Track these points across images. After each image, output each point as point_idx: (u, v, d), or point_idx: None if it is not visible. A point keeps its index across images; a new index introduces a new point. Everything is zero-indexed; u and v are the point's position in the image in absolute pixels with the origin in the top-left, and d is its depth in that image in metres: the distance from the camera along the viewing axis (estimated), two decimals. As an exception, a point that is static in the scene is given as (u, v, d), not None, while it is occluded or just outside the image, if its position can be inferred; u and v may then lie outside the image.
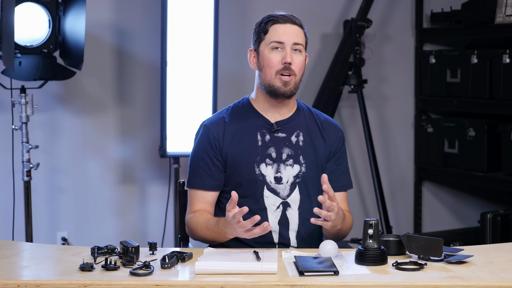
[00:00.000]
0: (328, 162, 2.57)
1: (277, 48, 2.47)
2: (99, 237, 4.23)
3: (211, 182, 2.52)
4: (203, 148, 2.53)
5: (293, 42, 2.46)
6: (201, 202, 2.53)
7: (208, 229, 2.44)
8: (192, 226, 2.50)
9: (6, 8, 3.41)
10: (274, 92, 2.48)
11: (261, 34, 2.50)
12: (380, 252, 2.15)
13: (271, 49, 2.47)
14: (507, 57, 4.36)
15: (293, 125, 2.55)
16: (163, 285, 1.97)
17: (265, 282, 1.98)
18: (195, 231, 2.49)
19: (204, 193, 2.53)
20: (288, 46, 2.46)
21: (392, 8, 4.99)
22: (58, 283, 1.98)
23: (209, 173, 2.52)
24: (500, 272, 2.08)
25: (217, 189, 2.54)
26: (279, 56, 2.46)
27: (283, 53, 2.46)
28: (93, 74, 4.18)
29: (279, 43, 2.46)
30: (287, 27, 2.47)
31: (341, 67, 4.59)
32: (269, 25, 2.48)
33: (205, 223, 2.45)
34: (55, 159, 4.15)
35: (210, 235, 2.44)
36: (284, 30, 2.47)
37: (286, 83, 2.46)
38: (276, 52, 2.47)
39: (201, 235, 2.47)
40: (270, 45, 2.47)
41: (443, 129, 4.83)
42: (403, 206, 5.13)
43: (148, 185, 4.40)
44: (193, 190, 2.55)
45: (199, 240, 2.53)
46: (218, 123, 2.55)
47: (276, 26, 2.48)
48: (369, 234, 2.16)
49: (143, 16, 4.29)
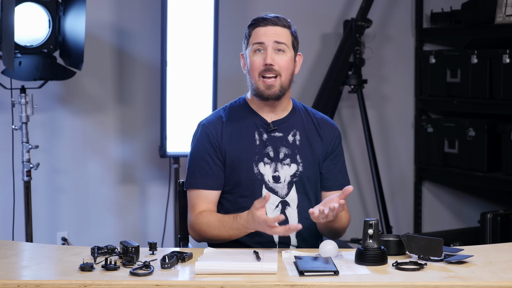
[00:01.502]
0: (325, 161, 2.57)
1: (259, 50, 2.48)
2: (99, 237, 4.23)
3: (213, 181, 2.51)
4: (203, 147, 2.53)
5: (274, 41, 2.47)
6: (205, 202, 2.51)
7: (224, 227, 2.41)
8: (202, 226, 2.46)
9: (6, 8, 3.41)
10: (259, 95, 2.50)
11: (246, 39, 2.53)
12: (380, 252, 2.15)
13: (254, 52, 2.49)
14: (507, 57, 4.36)
15: (289, 125, 2.56)
16: (163, 285, 1.97)
17: (265, 282, 1.98)
18: (205, 230, 2.45)
19: (208, 193, 2.52)
20: (269, 47, 2.47)
21: (392, 8, 4.99)
22: (58, 283, 1.98)
23: (210, 172, 2.51)
24: (500, 272, 2.08)
25: (219, 188, 2.53)
26: (260, 58, 2.48)
27: (264, 54, 2.47)
28: (93, 74, 4.18)
29: (260, 43, 2.48)
30: (267, 29, 2.48)
31: (341, 67, 4.59)
32: (251, 29, 2.51)
33: (219, 221, 2.43)
34: (55, 159, 4.15)
35: (227, 232, 2.41)
36: (264, 32, 2.48)
37: (270, 86, 2.48)
38: (258, 54, 2.48)
39: (215, 234, 2.44)
40: (252, 48, 2.49)
41: (443, 129, 4.83)
42: (403, 206, 5.13)
43: (148, 185, 4.40)
44: (195, 191, 2.52)
45: (207, 240, 2.49)
46: (216, 122, 2.55)
47: (257, 29, 2.49)
48: (369, 234, 2.16)
49: (143, 16, 4.29)
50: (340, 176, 2.59)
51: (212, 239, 2.47)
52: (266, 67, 2.46)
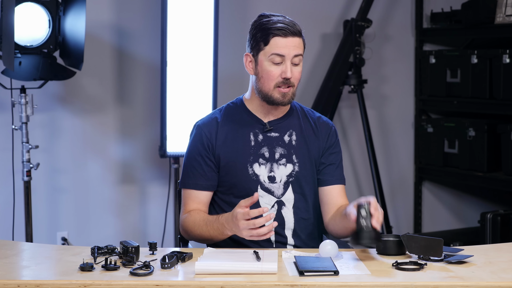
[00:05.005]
0: (321, 157, 2.57)
1: (277, 62, 2.44)
2: (99, 237, 4.23)
3: (204, 182, 2.52)
4: (196, 149, 2.54)
5: (294, 55, 2.45)
6: (195, 202, 2.53)
7: (207, 226, 2.42)
8: (188, 224, 2.48)
9: (6, 8, 3.41)
10: (271, 102, 2.49)
11: (260, 43, 2.46)
12: (374, 232, 2.18)
13: (271, 62, 2.45)
14: (507, 57, 4.36)
15: (286, 125, 2.56)
16: (163, 285, 1.97)
17: (265, 282, 1.98)
18: (191, 229, 2.47)
19: (198, 193, 2.53)
20: (289, 60, 2.45)
21: (392, 8, 4.99)
22: (58, 283, 1.98)
23: (202, 173, 2.52)
24: (500, 272, 2.08)
25: (210, 189, 2.54)
26: (279, 70, 2.45)
27: (283, 67, 2.44)
28: (93, 74, 4.18)
29: (280, 56, 2.44)
30: (288, 40, 2.44)
31: (341, 67, 4.59)
32: (270, 37, 2.44)
33: (204, 220, 2.44)
34: (55, 159, 4.15)
35: (208, 232, 2.42)
36: (285, 44, 2.44)
37: (285, 94, 2.47)
38: (276, 66, 2.45)
39: (198, 233, 2.45)
40: (271, 58, 2.45)
41: (443, 129, 4.83)
42: (403, 206, 5.13)
43: (148, 185, 4.40)
44: (187, 190, 2.55)
45: (194, 239, 2.51)
46: (211, 123, 2.55)
47: (277, 39, 2.44)
48: (362, 215, 2.20)
49: (143, 16, 4.29)
50: (337, 172, 2.58)
51: (197, 238, 2.48)
52: (283, 80, 2.45)
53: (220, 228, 2.37)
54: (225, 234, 2.37)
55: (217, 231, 2.39)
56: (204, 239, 2.47)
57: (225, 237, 2.40)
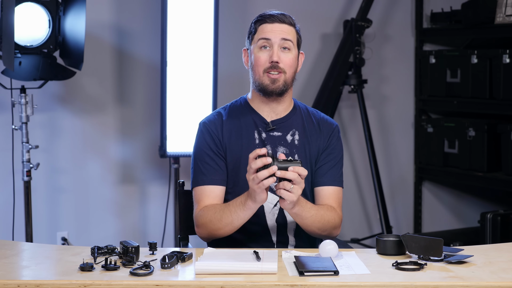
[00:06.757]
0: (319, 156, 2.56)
1: (265, 46, 2.48)
2: (99, 237, 4.23)
3: (219, 176, 2.50)
4: (206, 144, 2.52)
5: (281, 38, 2.47)
6: (211, 197, 2.48)
7: (229, 206, 2.37)
8: (208, 214, 2.41)
9: (6, 8, 3.41)
10: (263, 89, 2.50)
11: (252, 34, 2.53)
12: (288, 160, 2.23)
13: (259, 48, 2.49)
14: (507, 57, 4.36)
15: (289, 124, 2.56)
16: (163, 285, 1.97)
17: (265, 282, 1.98)
18: (212, 219, 2.40)
19: (214, 188, 2.49)
20: (276, 44, 2.47)
21: (392, 8, 4.99)
22: (58, 283, 1.98)
23: (216, 167, 2.50)
24: (500, 272, 2.08)
25: (224, 184, 2.51)
26: (266, 55, 2.48)
27: (271, 51, 2.47)
28: (93, 74, 4.18)
29: (266, 39, 2.48)
30: (274, 25, 2.49)
31: (341, 67, 4.59)
32: (257, 25, 2.51)
33: (225, 206, 2.39)
34: (55, 159, 4.15)
35: (229, 211, 2.36)
36: (271, 28, 2.49)
37: (274, 80, 2.48)
38: (264, 51, 2.48)
39: (218, 217, 2.38)
40: (258, 43, 2.49)
41: (443, 129, 4.83)
42: (403, 206, 5.13)
43: (148, 185, 4.40)
44: (201, 187, 2.49)
45: (215, 232, 2.43)
46: (216, 120, 2.56)
47: (263, 25, 2.50)
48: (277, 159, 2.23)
49: (143, 16, 4.29)
50: (330, 173, 2.55)
51: (219, 228, 2.41)
52: (272, 64, 2.47)
53: (242, 199, 2.32)
54: (247, 205, 2.32)
55: (240, 205, 2.33)
56: (227, 224, 2.39)
57: (247, 210, 2.34)
